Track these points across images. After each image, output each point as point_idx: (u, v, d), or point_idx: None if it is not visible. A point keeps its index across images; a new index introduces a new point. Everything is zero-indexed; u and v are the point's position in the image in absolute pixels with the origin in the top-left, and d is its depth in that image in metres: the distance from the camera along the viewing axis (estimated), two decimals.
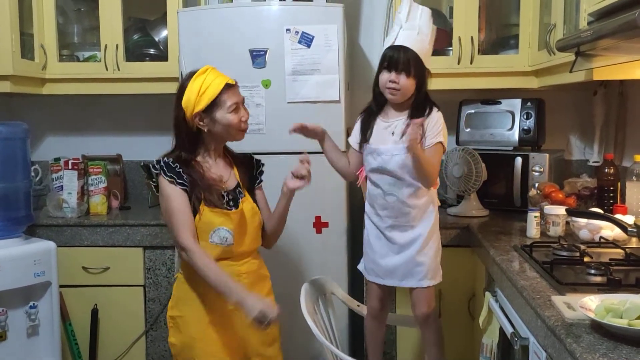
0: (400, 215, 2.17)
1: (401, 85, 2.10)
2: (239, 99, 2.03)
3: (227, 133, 2.02)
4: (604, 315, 1.34)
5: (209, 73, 2.01)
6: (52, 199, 2.94)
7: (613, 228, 2.12)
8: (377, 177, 2.20)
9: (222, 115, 1.99)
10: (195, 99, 1.96)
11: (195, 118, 1.98)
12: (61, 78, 3.06)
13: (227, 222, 2.00)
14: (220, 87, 1.97)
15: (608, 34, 1.66)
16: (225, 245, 2.00)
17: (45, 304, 2.63)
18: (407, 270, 2.19)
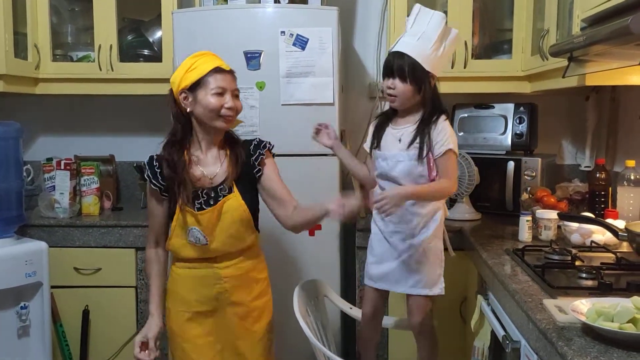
0: (403, 222, 2.17)
1: (398, 91, 2.11)
2: (228, 86, 1.96)
3: (207, 117, 1.94)
4: (595, 318, 1.35)
5: (204, 55, 2.00)
6: (44, 199, 2.92)
7: (604, 232, 2.14)
8: (383, 182, 2.21)
9: (203, 96, 1.93)
10: (182, 75, 1.95)
11: (180, 95, 1.96)
12: (54, 78, 3.05)
13: (197, 222, 1.97)
14: (209, 68, 1.94)
15: (601, 39, 1.68)
16: (200, 245, 2.00)
17: (36, 304, 2.61)
18: (401, 276, 2.20)
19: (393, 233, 2.20)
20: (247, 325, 2.08)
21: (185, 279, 2.05)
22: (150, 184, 2.01)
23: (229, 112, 1.96)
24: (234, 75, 2.02)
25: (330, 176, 2.73)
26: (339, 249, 2.76)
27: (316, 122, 2.65)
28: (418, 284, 2.18)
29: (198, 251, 2.01)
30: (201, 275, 2.03)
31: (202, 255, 2.02)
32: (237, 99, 2.01)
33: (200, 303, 2.04)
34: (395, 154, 2.15)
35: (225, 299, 2.04)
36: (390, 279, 2.22)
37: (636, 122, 2.62)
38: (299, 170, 2.66)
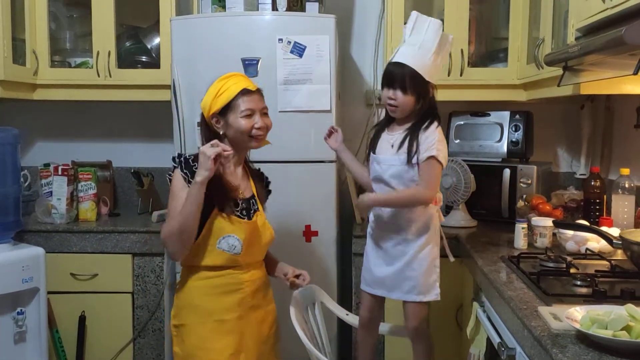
0: (395, 228, 2.19)
1: (399, 102, 2.13)
2: (256, 106, 2.00)
3: (239, 139, 2.00)
4: (589, 326, 1.36)
5: (231, 77, 2.03)
6: (41, 204, 2.92)
7: (599, 240, 2.15)
8: (377, 186, 2.24)
9: (234, 119, 1.98)
10: (212, 101, 1.99)
11: (212, 119, 2.01)
12: (52, 84, 3.06)
13: (238, 231, 1.98)
14: (237, 91, 1.98)
15: (595, 49, 1.70)
16: (232, 254, 1.98)
17: (33, 310, 2.61)
18: (395, 282, 2.21)
19: (387, 240, 2.22)
20: (264, 329, 2.10)
21: (209, 289, 1.99)
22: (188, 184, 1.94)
23: (259, 132, 2.01)
24: (261, 94, 2.07)
25: (327, 182, 2.74)
26: (335, 256, 2.77)
27: (314, 128, 2.69)
28: (413, 290, 2.19)
29: (223, 260, 1.99)
30: (223, 283, 2.00)
31: (227, 263, 2.00)
32: (266, 116, 2.05)
33: (226, 311, 1.99)
34: (387, 158, 2.19)
35: (247, 304, 2.03)
36: (385, 285, 2.24)
37: (631, 131, 2.64)
38: (297, 176, 2.68)
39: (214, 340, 1.99)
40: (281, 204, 2.46)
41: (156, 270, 2.85)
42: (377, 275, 2.25)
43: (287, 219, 2.67)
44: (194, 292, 2.01)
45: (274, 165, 2.67)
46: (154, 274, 2.85)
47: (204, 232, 1.97)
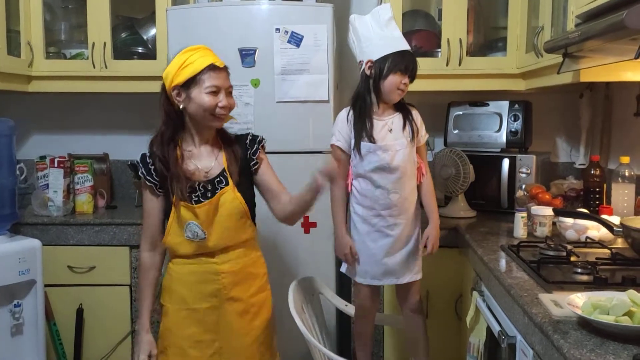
0: (403, 213, 2.27)
1: (407, 87, 2.25)
2: (222, 84, 1.93)
3: (200, 115, 1.93)
4: (591, 312, 1.35)
5: (198, 50, 1.96)
6: (37, 197, 2.90)
7: (599, 228, 2.14)
8: (379, 175, 2.23)
9: (197, 94, 1.90)
10: (175, 72, 1.92)
11: (173, 91, 1.93)
12: (48, 75, 3.03)
13: (194, 217, 1.95)
14: (203, 65, 1.91)
15: (596, 34, 1.68)
16: (198, 240, 1.97)
17: (30, 302, 2.60)
18: (405, 267, 2.28)
19: (394, 226, 2.26)
20: (246, 321, 2.04)
21: (184, 276, 2.01)
22: (144, 181, 1.99)
23: (223, 110, 1.95)
24: (228, 72, 2.00)
25: None
26: (334, 246, 2.75)
27: (311, 119, 2.68)
28: (419, 271, 2.33)
29: (196, 247, 1.99)
30: (200, 272, 2.00)
31: (200, 251, 1.99)
32: (230, 96, 1.99)
33: (199, 300, 2.00)
34: (392, 144, 2.22)
35: (223, 295, 2.00)
36: (396, 273, 2.29)
37: (630, 119, 2.63)
38: (294, 167, 2.65)
39: (184, 326, 2.01)
40: None
41: None
42: (387, 266, 2.27)
43: None
44: (174, 276, 2.03)
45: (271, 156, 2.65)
46: None
47: (171, 225, 1.98)
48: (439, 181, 2.86)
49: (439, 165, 2.86)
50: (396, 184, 2.23)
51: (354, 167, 2.29)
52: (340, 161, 2.23)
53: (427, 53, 3.01)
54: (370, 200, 2.26)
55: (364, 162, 2.24)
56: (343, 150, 2.29)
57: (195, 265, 2.01)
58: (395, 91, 2.22)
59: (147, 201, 2.03)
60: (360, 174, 2.27)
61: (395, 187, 2.23)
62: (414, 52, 2.96)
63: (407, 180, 2.25)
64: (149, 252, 2.05)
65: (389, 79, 2.20)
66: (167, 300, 2.05)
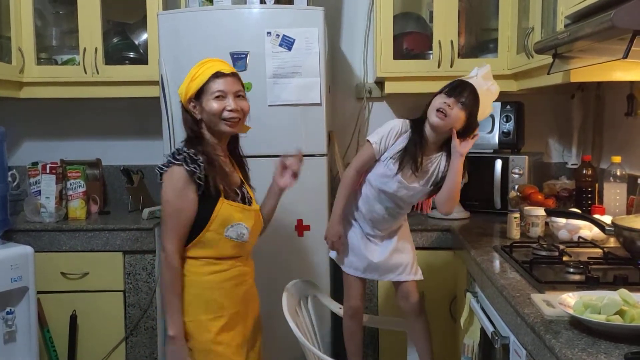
0: (389, 228, 2.32)
1: (452, 113, 2.08)
2: (229, 89, 1.95)
3: (212, 122, 1.96)
4: (582, 311, 1.35)
5: (207, 62, 2.00)
6: (29, 203, 2.89)
7: (592, 228, 2.15)
8: (386, 196, 2.24)
9: (206, 102, 1.95)
10: (187, 85, 1.97)
11: (190, 104, 1.98)
12: (39, 81, 3.02)
13: (246, 219, 1.98)
14: (209, 74, 1.95)
15: (585, 35, 1.69)
16: (239, 242, 1.97)
17: (23, 309, 2.58)
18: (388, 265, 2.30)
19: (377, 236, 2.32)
20: (257, 320, 2.14)
21: (217, 284, 1.96)
22: (194, 177, 1.88)
23: (232, 114, 1.95)
24: (237, 77, 2.02)
25: (318, 176, 2.72)
26: (327, 249, 2.75)
27: (304, 122, 2.67)
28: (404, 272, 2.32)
29: (232, 249, 1.97)
30: (233, 276, 1.99)
31: (234, 254, 1.99)
32: (241, 99, 1.99)
33: (235, 304, 2.00)
34: (416, 187, 2.20)
35: (250, 296, 2.07)
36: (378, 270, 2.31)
37: (621, 119, 2.64)
38: None
39: (225, 334, 1.97)
40: None
41: (147, 268, 2.82)
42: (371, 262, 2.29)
43: (278, 214, 2.62)
44: (204, 286, 1.95)
45: (264, 159, 2.65)
46: (145, 272, 2.83)
47: (213, 222, 1.92)
48: None
49: None
50: (395, 209, 2.26)
51: (371, 173, 2.26)
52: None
53: (418, 55, 3.02)
54: (368, 206, 2.28)
55: (380, 178, 2.23)
56: (375, 150, 2.21)
57: (230, 271, 1.99)
58: (433, 111, 2.10)
59: (185, 200, 1.90)
60: (372, 184, 2.26)
61: (393, 212, 2.27)
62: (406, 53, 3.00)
63: (407, 207, 2.30)
64: (179, 257, 1.93)
65: (433, 100, 2.14)
66: (202, 313, 1.94)
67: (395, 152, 2.18)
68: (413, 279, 2.32)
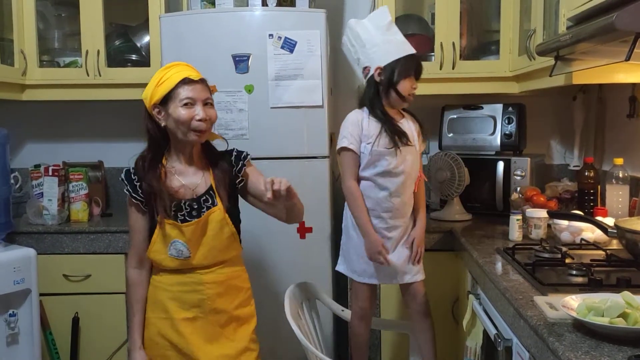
0: (402, 216, 2.31)
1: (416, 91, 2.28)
2: (198, 96, 1.88)
3: (179, 130, 1.89)
4: (585, 314, 1.35)
5: (173, 66, 1.94)
6: (32, 206, 2.89)
7: (594, 230, 2.14)
8: (384, 179, 2.25)
9: (173, 109, 1.87)
10: (153, 90, 1.91)
11: (154, 110, 1.92)
12: (41, 84, 3.03)
13: (181, 235, 1.92)
14: (177, 80, 1.88)
15: (587, 37, 1.69)
16: (182, 258, 1.95)
17: (25, 312, 2.58)
18: (403, 267, 2.31)
19: (392, 228, 2.29)
20: (227, 333, 2.01)
21: (168, 286, 1.98)
22: (130, 198, 1.95)
23: (200, 124, 1.89)
24: (205, 84, 1.95)
25: (320, 178, 2.72)
26: (330, 252, 2.75)
27: (306, 124, 2.68)
28: (419, 271, 2.35)
29: (179, 264, 1.96)
30: (183, 282, 1.97)
31: (183, 267, 1.97)
32: (210, 107, 1.93)
33: (183, 310, 1.97)
34: (403, 150, 2.25)
35: (207, 306, 1.97)
36: (394, 273, 2.31)
37: (623, 121, 2.64)
38: (289, 173, 2.62)
39: (171, 335, 1.97)
40: None
41: None
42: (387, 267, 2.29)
43: None
44: (158, 287, 2.01)
45: (266, 162, 2.66)
46: None
47: (155, 241, 1.95)
48: (434, 185, 2.86)
49: (434, 169, 2.86)
50: (400, 187, 2.27)
51: (361, 169, 2.29)
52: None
53: (420, 57, 3.01)
54: (373, 201, 2.28)
55: (372, 166, 2.25)
56: (354, 151, 2.26)
57: (179, 276, 1.98)
58: (407, 96, 2.25)
59: (133, 218, 1.99)
60: (365, 177, 2.28)
61: (398, 190, 2.27)
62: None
63: (409, 184, 2.30)
64: (137, 269, 2.02)
65: (402, 84, 2.22)
66: (151, 311, 2.02)
67: (373, 136, 2.24)
68: (422, 279, 2.36)
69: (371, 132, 2.24)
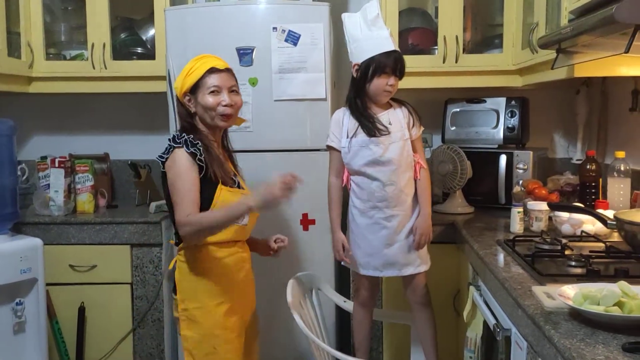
0: (399, 204, 2.30)
1: (394, 88, 2.25)
2: (223, 84, 2.01)
3: (207, 116, 2.02)
4: (581, 302, 1.37)
5: (202, 57, 2.06)
6: (38, 197, 2.93)
7: (594, 222, 2.16)
8: (373, 169, 2.27)
9: (202, 97, 2.00)
10: (183, 80, 2.03)
11: (185, 98, 2.03)
12: (48, 77, 3.06)
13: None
14: (204, 69, 2.00)
15: (587, 29, 1.70)
16: (240, 225, 2.02)
17: (32, 301, 2.62)
18: (406, 258, 2.31)
19: (392, 217, 2.29)
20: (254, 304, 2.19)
21: (219, 270, 2.01)
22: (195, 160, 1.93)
23: (226, 109, 2.01)
24: (231, 73, 2.07)
25: (324, 171, 2.72)
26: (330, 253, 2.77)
27: (309, 117, 2.70)
28: (422, 263, 2.35)
29: (233, 233, 2.02)
30: (234, 262, 2.05)
31: (235, 237, 2.04)
32: (235, 94, 2.06)
33: (236, 289, 2.05)
34: (384, 138, 2.25)
35: (248, 281, 2.13)
36: (397, 265, 2.32)
37: (625, 114, 2.64)
38: (292, 165, 2.66)
39: (231, 320, 2.02)
40: None
41: (154, 261, 2.86)
42: (387, 257, 2.30)
43: (284, 208, 2.68)
44: (206, 273, 2.00)
45: (270, 154, 2.69)
46: (153, 265, 2.86)
47: (214, 207, 1.96)
48: (437, 178, 2.88)
49: (437, 162, 2.88)
50: (391, 176, 2.27)
51: (347, 165, 2.32)
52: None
53: (423, 50, 3.03)
54: (367, 193, 2.29)
55: (357, 158, 2.27)
56: (336, 149, 2.33)
57: (230, 257, 2.04)
58: (381, 93, 2.25)
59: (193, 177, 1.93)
60: (355, 170, 2.29)
61: (391, 179, 2.27)
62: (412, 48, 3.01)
63: (402, 172, 2.28)
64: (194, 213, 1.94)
65: (374, 82, 2.23)
66: (204, 300, 1.99)
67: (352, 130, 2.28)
68: (425, 270, 2.37)
69: (350, 127, 2.29)
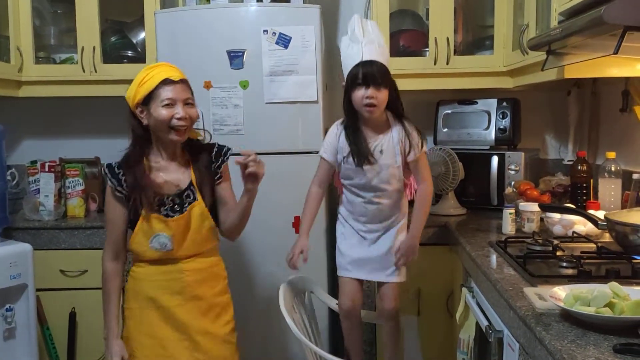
0: (377, 221, 2.27)
1: (378, 100, 2.12)
2: (178, 96, 1.94)
3: (159, 129, 1.95)
4: (572, 303, 1.36)
5: (156, 67, 2.00)
6: (28, 202, 2.91)
7: (586, 223, 2.16)
8: (360, 190, 2.26)
9: (155, 109, 1.93)
10: (135, 90, 1.97)
11: (137, 109, 1.97)
12: (38, 80, 3.04)
13: (166, 229, 1.98)
14: (158, 80, 1.93)
15: (576, 31, 1.70)
16: (164, 251, 2.00)
17: (22, 306, 2.60)
18: (378, 264, 2.27)
19: (369, 232, 2.29)
20: (208, 321, 2.06)
21: (150, 276, 2.03)
22: (114, 191, 2.00)
23: (180, 122, 1.94)
24: (186, 84, 2.00)
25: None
26: (325, 246, 2.77)
27: (301, 119, 2.69)
28: (394, 273, 2.28)
29: (159, 256, 2.01)
30: (165, 271, 2.03)
31: (164, 257, 2.02)
32: (190, 107, 1.98)
33: (167, 297, 2.02)
34: (372, 167, 2.19)
35: (188, 293, 2.03)
36: (367, 268, 2.29)
37: (616, 115, 2.65)
38: (284, 168, 2.67)
39: (152, 325, 2.02)
40: (270, 196, 2.46)
41: None
42: (358, 258, 2.28)
43: (276, 211, 2.67)
44: (138, 278, 2.06)
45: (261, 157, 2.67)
46: None
47: (137, 234, 2.00)
48: None
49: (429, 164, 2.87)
50: (375, 198, 2.24)
51: (341, 177, 2.30)
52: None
53: (415, 52, 3.03)
54: (351, 205, 2.30)
55: (345, 176, 2.27)
56: (328, 161, 2.28)
57: (160, 266, 2.03)
58: (362, 108, 2.13)
59: (112, 211, 2.04)
60: (345, 184, 2.30)
61: (374, 200, 2.25)
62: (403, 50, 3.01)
63: (388, 195, 2.24)
64: (114, 262, 2.07)
65: (352, 96, 2.15)
66: (133, 301, 2.06)
67: (345, 152, 2.22)
68: (397, 281, 2.29)
69: (344, 148, 2.23)
